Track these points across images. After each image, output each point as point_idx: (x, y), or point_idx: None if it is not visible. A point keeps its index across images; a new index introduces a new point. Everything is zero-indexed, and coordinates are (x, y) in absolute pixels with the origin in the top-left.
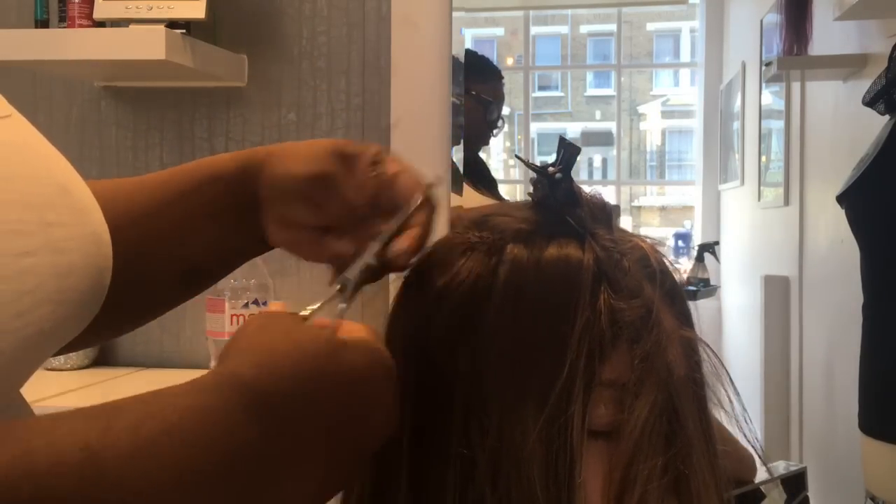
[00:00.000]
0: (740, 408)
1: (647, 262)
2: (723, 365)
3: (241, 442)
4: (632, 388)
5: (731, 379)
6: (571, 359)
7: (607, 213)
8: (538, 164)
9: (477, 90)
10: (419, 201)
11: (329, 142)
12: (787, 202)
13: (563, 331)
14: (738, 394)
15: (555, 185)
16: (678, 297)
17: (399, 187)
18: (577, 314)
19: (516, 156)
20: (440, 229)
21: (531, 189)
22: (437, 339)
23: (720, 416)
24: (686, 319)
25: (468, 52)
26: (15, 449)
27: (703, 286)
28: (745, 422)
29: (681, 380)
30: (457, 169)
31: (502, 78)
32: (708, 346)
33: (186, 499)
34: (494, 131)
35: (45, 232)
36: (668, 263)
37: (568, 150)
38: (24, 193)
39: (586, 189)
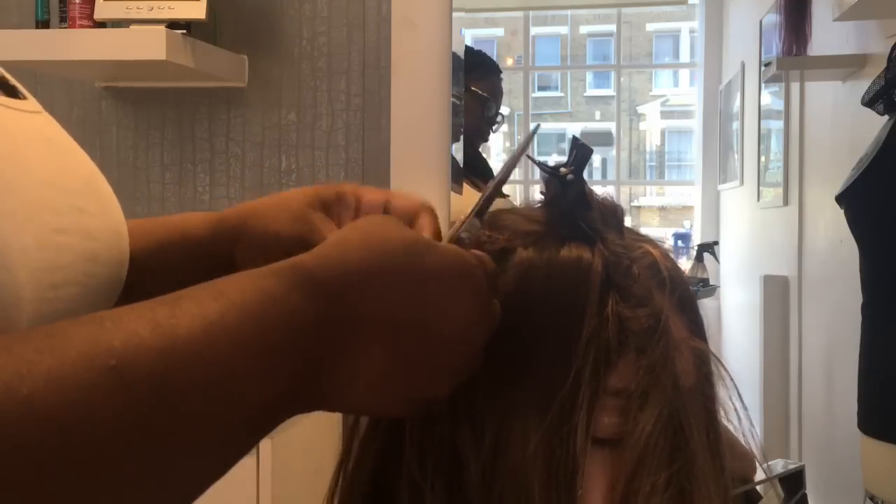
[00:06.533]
0: (748, 423)
1: (657, 269)
2: (731, 377)
3: (299, 324)
4: (636, 399)
5: (738, 393)
6: (577, 366)
7: (618, 217)
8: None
9: (474, 86)
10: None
11: (304, 193)
12: (786, 202)
13: (570, 337)
14: (745, 408)
15: (566, 187)
16: (689, 305)
17: (397, 206)
18: (584, 321)
19: (527, 156)
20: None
21: (543, 188)
22: None
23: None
24: (698, 329)
25: (465, 49)
26: (90, 332)
27: (703, 286)
28: (752, 437)
29: (688, 392)
30: (457, 168)
31: (500, 73)
32: (716, 357)
33: (254, 374)
34: (494, 127)
35: (76, 215)
36: (679, 270)
37: (580, 151)
38: (56, 178)
39: (597, 191)
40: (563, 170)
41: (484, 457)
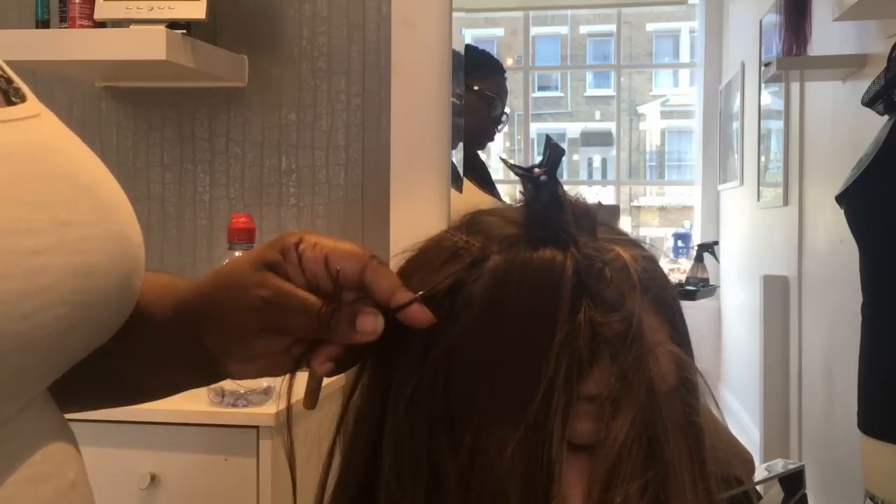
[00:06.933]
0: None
1: (629, 272)
2: (706, 383)
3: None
4: (608, 407)
5: (714, 398)
6: (549, 374)
7: (590, 218)
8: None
9: (479, 86)
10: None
11: (248, 262)
12: (786, 202)
13: (542, 345)
14: (721, 413)
15: (539, 188)
16: (666, 307)
17: (342, 268)
18: (556, 328)
19: (500, 158)
20: (439, 228)
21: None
22: (414, 347)
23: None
24: (676, 331)
25: (468, 49)
26: None
27: (703, 286)
28: None
29: (664, 396)
30: (456, 169)
31: (504, 72)
32: (690, 361)
33: None
34: (499, 126)
35: (60, 231)
36: (655, 272)
37: (553, 152)
38: (37, 193)
39: (580, 189)
40: (536, 170)
41: (462, 461)
